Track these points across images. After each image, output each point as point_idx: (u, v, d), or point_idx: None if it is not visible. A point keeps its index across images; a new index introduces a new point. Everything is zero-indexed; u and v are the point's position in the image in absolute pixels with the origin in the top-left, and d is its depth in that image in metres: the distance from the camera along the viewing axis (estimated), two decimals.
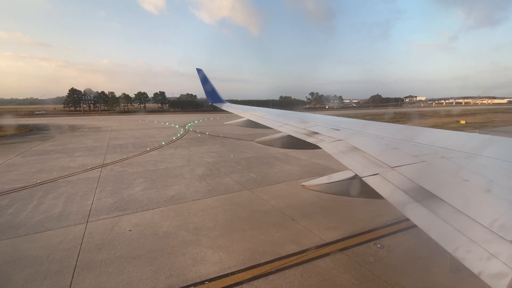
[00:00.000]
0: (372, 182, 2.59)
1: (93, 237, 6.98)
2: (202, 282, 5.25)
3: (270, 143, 6.45)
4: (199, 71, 13.40)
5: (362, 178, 2.74)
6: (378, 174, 2.69)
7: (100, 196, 9.94)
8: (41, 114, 73.04)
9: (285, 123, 6.60)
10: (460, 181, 2.25)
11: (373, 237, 6.93)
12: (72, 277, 5.37)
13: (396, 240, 6.75)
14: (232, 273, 5.50)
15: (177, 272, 5.54)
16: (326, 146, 4.09)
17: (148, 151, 18.77)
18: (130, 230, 7.34)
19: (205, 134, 28.38)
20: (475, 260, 1.46)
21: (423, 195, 2.10)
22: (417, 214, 1.95)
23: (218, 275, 5.46)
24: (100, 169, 13.97)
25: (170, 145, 21.42)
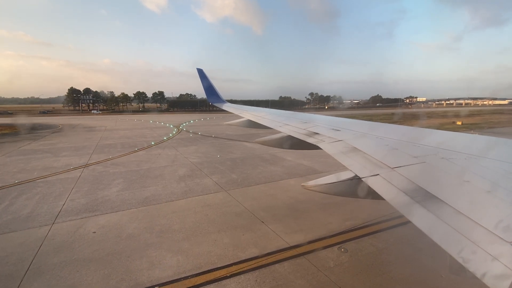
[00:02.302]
0: (372, 182, 2.57)
1: (54, 239, 6.88)
2: (152, 287, 5.13)
3: (270, 143, 6.35)
4: (199, 71, 13.35)
5: (362, 179, 2.72)
6: (378, 174, 2.67)
7: (74, 197, 9.84)
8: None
9: (285, 123, 6.53)
10: (460, 182, 2.24)
11: (339, 240, 6.80)
12: (21, 281, 5.26)
13: (361, 244, 6.61)
14: (185, 278, 5.38)
15: (130, 276, 5.43)
16: (326, 147, 4.06)
17: (135, 151, 18.67)
18: (94, 232, 7.23)
19: (198, 134, 28.27)
20: (476, 262, 1.44)
21: (423, 196, 2.08)
22: (416, 215, 1.93)
23: (170, 279, 5.34)
24: (82, 169, 13.88)
25: (160, 145, 21.33)
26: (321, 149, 4.12)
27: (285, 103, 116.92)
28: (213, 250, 6.35)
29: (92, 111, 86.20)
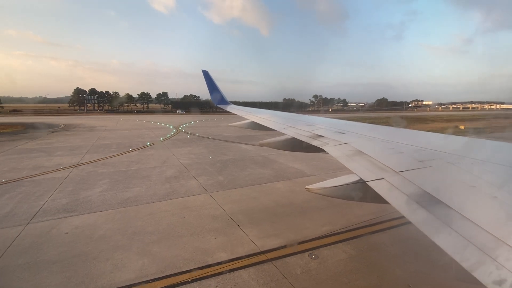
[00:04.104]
0: (377, 186, 2.53)
1: (24, 239, 6.84)
2: None
3: (275, 146, 6.29)
4: (204, 72, 13.35)
5: (366, 183, 2.67)
6: (383, 178, 2.63)
7: (56, 196, 9.84)
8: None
9: (289, 125, 6.47)
10: (466, 187, 2.20)
11: (312, 246, 6.62)
12: None
13: (334, 251, 6.43)
14: (146, 282, 5.28)
15: (90, 279, 5.34)
16: (331, 149, 3.99)
17: (129, 151, 18.72)
18: (67, 233, 7.18)
19: (195, 135, 28.29)
20: (481, 268, 1.42)
21: (429, 201, 2.05)
22: (422, 220, 1.90)
23: (131, 283, 5.24)
24: (71, 169, 13.92)
25: (154, 146, 21.36)
26: (326, 151, 4.06)
27: (288, 105, 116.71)
28: (181, 254, 6.24)
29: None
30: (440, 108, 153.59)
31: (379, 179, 2.64)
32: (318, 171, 13.61)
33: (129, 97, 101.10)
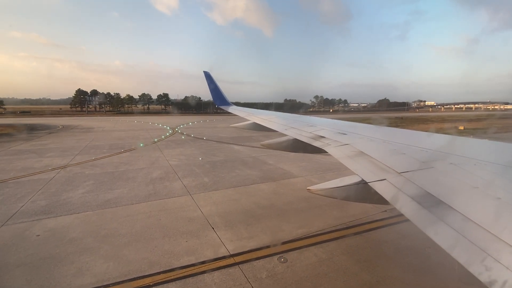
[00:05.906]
0: (379, 187, 2.52)
1: None
2: None
3: (276, 147, 6.27)
4: (206, 73, 13.33)
5: (368, 183, 2.67)
6: (385, 179, 2.62)
7: (37, 198, 9.80)
8: None
9: (291, 126, 6.45)
10: (469, 188, 2.19)
11: (283, 249, 6.50)
12: None
13: (305, 254, 6.30)
14: (106, 286, 5.19)
15: (50, 283, 5.26)
16: (332, 150, 3.98)
17: (121, 152, 18.71)
18: (38, 235, 7.12)
19: (190, 136, 28.25)
20: (483, 269, 1.42)
21: (431, 202, 2.04)
22: (424, 221, 1.91)
23: (90, 287, 5.16)
24: (59, 170, 13.91)
25: (148, 147, 21.34)
26: (327, 152, 4.03)
27: (290, 106, 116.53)
28: (148, 257, 6.14)
29: None
30: (442, 108, 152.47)
31: (381, 180, 2.62)
32: (306, 172, 13.47)
33: (130, 98, 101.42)
